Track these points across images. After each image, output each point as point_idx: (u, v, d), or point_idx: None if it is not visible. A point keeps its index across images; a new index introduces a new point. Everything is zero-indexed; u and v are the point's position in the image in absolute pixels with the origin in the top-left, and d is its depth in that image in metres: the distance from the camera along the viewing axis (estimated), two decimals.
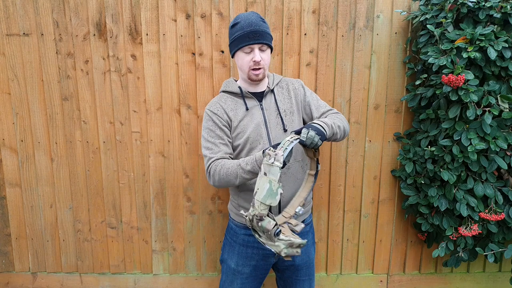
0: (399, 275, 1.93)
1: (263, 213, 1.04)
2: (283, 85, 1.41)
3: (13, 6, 1.66)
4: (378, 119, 1.77)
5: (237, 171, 1.19)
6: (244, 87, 1.36)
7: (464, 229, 1.54)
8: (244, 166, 1.18)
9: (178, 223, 1.85)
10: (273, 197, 1.03)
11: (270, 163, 1.03)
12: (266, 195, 1.03)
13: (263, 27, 1.25)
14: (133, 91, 1.73)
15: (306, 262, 1.42)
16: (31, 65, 1.71)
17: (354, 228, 1.88)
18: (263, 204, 1.03)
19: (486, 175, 1.53)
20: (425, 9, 1.57)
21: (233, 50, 1.29)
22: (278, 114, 1.34)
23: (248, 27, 1.22)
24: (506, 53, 1.39)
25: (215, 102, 1.36)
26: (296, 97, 1.39)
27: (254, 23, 1.23)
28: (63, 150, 1.78)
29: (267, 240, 1.07)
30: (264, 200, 1.03)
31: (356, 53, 1.71)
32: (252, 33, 1.22)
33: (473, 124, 1.46)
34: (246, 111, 1.32)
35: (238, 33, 1.24)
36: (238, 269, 1.38)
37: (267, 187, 1.03)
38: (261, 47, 1.25)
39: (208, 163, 1.28)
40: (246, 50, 1.25)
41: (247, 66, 1.27)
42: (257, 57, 1.24)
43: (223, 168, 1.22)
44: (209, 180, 1.29)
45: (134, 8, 1.66)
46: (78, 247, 1.89)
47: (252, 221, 1.06)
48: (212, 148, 1.29)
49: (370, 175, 1.82)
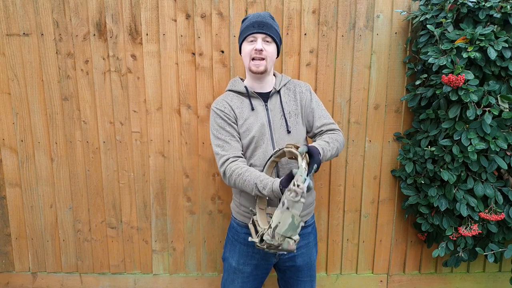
0: (399, 275, 1.93)
1: (281, 243, 1.03)
2: (290, 87, 1.40)
3: (13, 6, 1.66)
4: (378, 119, 1.77)
5: (253, 188, 1.18)
6: (250, 86, 1.35)
7: (464, 229, 1.54)
8: (261, 189, 1.16)
9: (178, 223, 1.85)
10: (295, 230, 1.02)
11: (296, 200, 1.02)
12: (288, 228, 1.02)
13: (271, 21, 1.28)
14: (133, 91, 1.73)
15: (307, 263, 1.42)
16: (31, 65, 1.71)
17: (354, 228, 1.88)
18: (284, 236, 1.03)
19: (486, 175, 1.53)
20: (425, 9, 1.57)
21: (240, 43, 1.31)
22: (282, 115, 1.33)
23: (255, 18, 1.26)
24: (506, 53, 1.39)
25: (222, 100, 1.35)
26: (301, 100, 1.38)
27: (262, 16, 1.27)
28: (63, 150, 1.78)
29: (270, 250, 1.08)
30: (285, 233, 1.02)
31: (356, 53, 1.71)
32: (257, 23, 1.24)
33: (473, 124, 1.46)
34: (252, 111, 1.32)
35: (246, 24, 1.28)
36: (239, 267, 1.38)
37: (290, 221, 1.02)
38: (265, 38, 1.25)
39: (223, 162, 1.26)
40: (250, 39, 1.26)
41: (248, 55, 1.27)
42: (258, 45, 1.24)
43: (240, 179, 1.21)
44: (224, 180, 1.28)
45: (134, 8, 1.66)
46: (78, 247, 1.89)
47: (269, 248, 1.06)
48: (223, 146, 1.28)
49: (370, 175, 1.82)
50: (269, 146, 1.29)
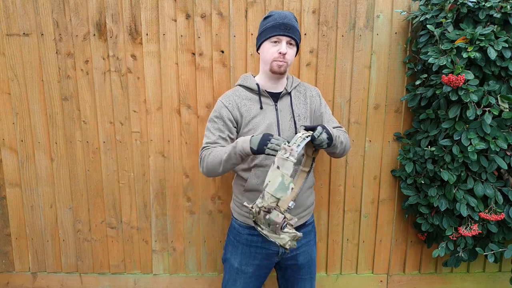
0: (399, 275, 1.93)
1: (272, 206, 1.04)
2: (300, 89, 1.40)
3: (13, 6, 1.66)
4: (378, 119, 1.77)
5: (221, 156, 1.20)
6: (262, 84, 1.35)
7: (464, 229, 1.54)
8: (227, 149, 1.19)
9: (178, 223, 1.85)
10: (284, 191, 1.03)
11: (285, 158, 1.03)
12: (278, 188, 1.03)
13: (295, 24, 1.26)
14: (133, 91, 1.73)
15: (308, 262, 1.43)
16: (31, 65, 1.71)
17: (354, 228, 1.88)
18: (274, 196, 1.04)
19: (486, 175, 1.53)
20: (425, 9, 1.57)
21: (260, 40, 1.29)
22: (292, 117, 1.33)
23: (282, 19, 1.23)
24: (506, 53, 1.39)
25: (230, 95, 1.35)
26: (311, 104, 1.39)
27: (288, 17, 1.24)
28: (63, 150, 1.78)
29: (271, 233, 1.07)
30: (275, 193, 1.04)
31: (356, 53, 1.71)
32: (283, 25, 1.22)
33: (473, 124, 1.46)
34: (260, 109, 1.32)
35: (270, 23, 1.24)
36: (241, 268, 1.38)
37: (279, 181, 1.03)
38: (289, 41, 1.24)
39: (201, 149, 1.31)
40: (274, 39, 1.24)
41: (271, 57, 1.25)
42: (283, 48, 1.22)
43: (211, 155, 1.24)
44: (200, 167, 1.32)
45: (134, 8, 1.66)
46: (78, 247, 1.89)
47: (259, 213, 1.06)
48: (209, 137, 1.31)
49: (370, 175, 1.82)
50: None
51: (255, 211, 1.07)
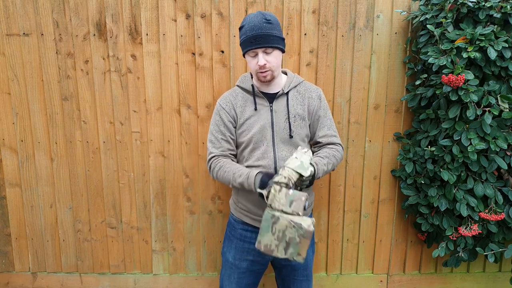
0: (399, 275, 1.93)
1: (292, 179, 1.08)
2: (300, 90, 1.37)
3: (13, 6, 1.66)
4: (378, 119, 1.77)
5: (230, 179, 1.27)
6: (257, 85, 1.35)
7: (464, 229, 1.54)
8: (236, 178, 1.25)
9: (178, 223, 1.85)
10: (304, 170, 1.10)
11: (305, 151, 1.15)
12: (298, 166, 1.10)
13: (267, 29, 1.20)
14: (133, 91, 1.73)
15: (303, 264, 1.42)
16: (31, 65, 1.71)
17: (354, 228, 1.88)
18: (294, 171, 1.09)
19: (486, 175, 1.53)
20: (425, 9, 1.57)
21: (242, 51, 1.30)
22: (287, 118, 1.32)
23: (250, 31, 1.20)
24: (506, 53, 1.39)
25: (227, 96, 1.38)
26: (309, 106, 1.36)
27: (257, 26, 1.19)
28: (63, 150, 1.78)
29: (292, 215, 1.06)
30: (296, 168, 1.09)
31: (356, 53, 1.71)
32: (253, 38, 1.20)
33: (473, 124, 1.46)
34: (254, 110, 1.32)
35: (243, 37, 1.24)
36: (235, 263, 1.39)
37: (298, 163, 1.11)
38: (265, 50, 1.23)
39: (209, 158, 1.36)
40: (251, 54, 1.24)
41: (253, 69, 1.27)
42: (260, 61, 1.22)
43: (221, 171, 1.30)
44: (210, 174, 1.37)
45: (134, 8, 1.66)
46: (78, 247, 1.89)
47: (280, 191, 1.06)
48: (214, 142, 1.36)
49: (370, 175, 1.82)
50: (270, 148, 1.29)
51: (275, 189, 1.07)
